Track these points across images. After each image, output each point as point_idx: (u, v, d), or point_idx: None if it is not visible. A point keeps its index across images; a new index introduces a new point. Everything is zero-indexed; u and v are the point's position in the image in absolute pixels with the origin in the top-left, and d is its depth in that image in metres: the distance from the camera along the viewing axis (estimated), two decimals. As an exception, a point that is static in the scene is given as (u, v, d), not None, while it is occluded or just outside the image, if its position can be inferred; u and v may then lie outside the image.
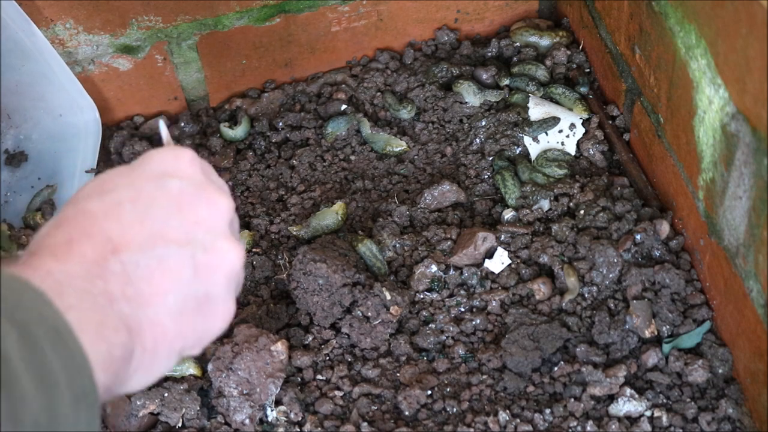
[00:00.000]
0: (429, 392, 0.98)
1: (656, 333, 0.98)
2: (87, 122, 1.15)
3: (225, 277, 0.60)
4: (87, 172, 1.16)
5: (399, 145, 1.18)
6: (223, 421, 0.97)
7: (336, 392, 0.99)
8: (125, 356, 0.55)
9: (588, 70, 1.22)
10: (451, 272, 1.05)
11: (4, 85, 1.13)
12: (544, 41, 1.24)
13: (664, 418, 0.94)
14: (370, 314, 1.01)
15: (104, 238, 0.55)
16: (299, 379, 1.00)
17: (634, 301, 0.98)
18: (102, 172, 0.61)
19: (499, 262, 1.05)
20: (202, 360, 1.00)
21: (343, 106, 1.22)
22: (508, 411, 0.95)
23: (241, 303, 1.07)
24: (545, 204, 1.09)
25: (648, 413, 0.94)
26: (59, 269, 0.53)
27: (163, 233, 0.57)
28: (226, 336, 1.01)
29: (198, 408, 0.98)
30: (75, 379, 0.50)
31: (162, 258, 0.56)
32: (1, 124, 1.18)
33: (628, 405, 0.95)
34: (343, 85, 1.25)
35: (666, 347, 0.98)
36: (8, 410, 0.46)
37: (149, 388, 0.98)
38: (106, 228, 0.56)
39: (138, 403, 0.97)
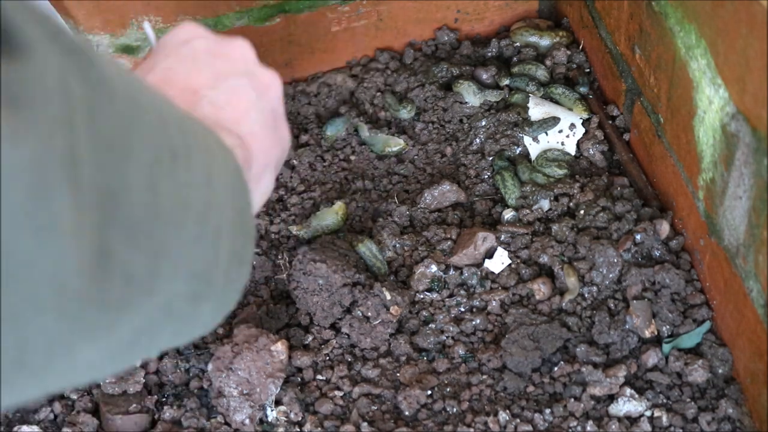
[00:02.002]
0: (429, 392, 0.98)
1: (656, 333, 0.98)
2: None
3: (278, 94, 0.69)
4: None
5: (397, 144, 1.18)
6: (223, 421, 0.97)
7: (336, 392, 0.99)
8: (246, 159, 0.62)
9: (588, 70, 1.22)
10: (451, 272, 1.05)
11: None
12: (544, 41, 1.24)
13: (664, 418, 0.94)
14: (370, 314, 1.01)
15: (180, 89, 0.63)
16: (299, 379, 1.00)
17: (634, 301, 0.98)
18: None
19: (499, 262, 1.05)
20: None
21: (342, 108, 1.23)
22: (508, 411, 0.95)
23: (241, 303, 1.07)
24: (545, 204, 1.09)
25: (648, 413, 0.94)
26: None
27: (219, 72, 0.66)
28: (226, 336, 1.01)
29: (198, 408, 0.98)
30: (220, 144, 0.54)
31: (232, 88, 0.66)
32: None
33: (628, 405, 0.95)
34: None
35: (666, 347, 0.98)
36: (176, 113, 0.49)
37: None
38: (176, 83, 0.64)
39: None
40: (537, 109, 1.16)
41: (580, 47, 1.23)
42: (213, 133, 0.55)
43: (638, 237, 1.02)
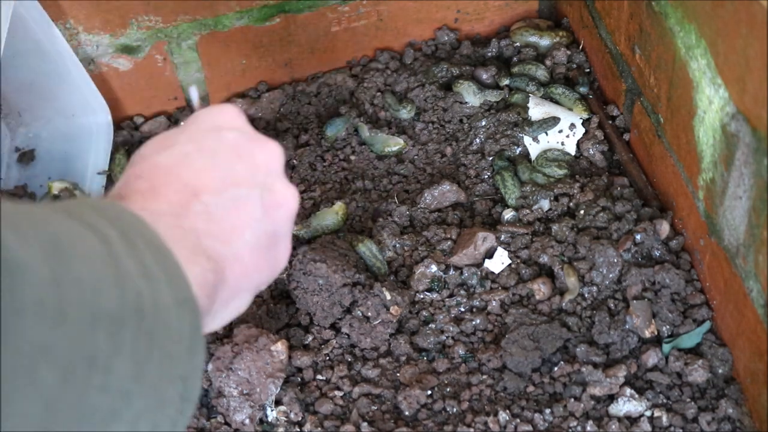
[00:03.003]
0: (429, 392, 0.98)
1: (656, 333, 0.98)
2: (99, 124, 1.17)
3: (288, 215, 0.65)
4: (99, 173, 1.16)
5: (397, 143, 1.18)
6: (223, 421, 0.97)
7: (336, 392, 0.99)
8: (215, 284, 0.57)
9: (588, 70, 1.22)
10: (451, 272, 1.05)
11: (19, 83, 1.14)
12: (544, 41, 1.24)
13: (664, 418, 0.94)
14: (370, 314, 1.01)
15: (183, 184, 0.59)
16: (299, 379, 1.00)
17: (634, 301, 0.98)
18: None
19: (499, 262, 1.05)
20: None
21: (342, 108, 1.23)
22: (508, 411, 0.95)
23: (241, 303, 1.07)
24: (545, 204, 1.09)
25: (648, 413, 0.94)
26: (150, 207, 0.56)
27: (231, 177, 0.61)
28: (226, 336, 1.01)
29: (198, 408, 0.98)
30: (174, 284, 0.50)
31: (236, 198, 0.60)
32: (11, 121, 1.18)
33: (628, 405, 0.95)
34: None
35: (666, 347, 0.98)
36: (114, 275, 0.45)
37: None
38: (182, 176, 0.59)
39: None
40: (537, 109, 1.16)
41: (580, 47, 1.23)
42: (178, 279, 0.50)
43: (638, 237, 1.02)
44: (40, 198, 1.16)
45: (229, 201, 0.60)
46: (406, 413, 0.97)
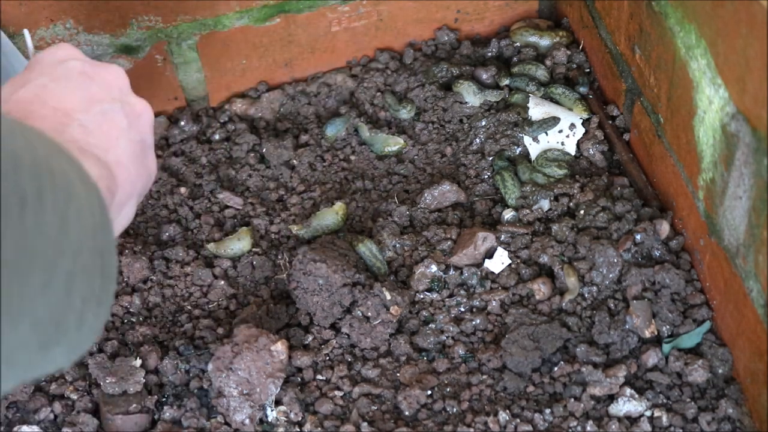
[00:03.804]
0: (429, 392, 0.98)
1: (656, 333, 0.98)
2: None
3: (148, 123, 0.71)
4: None
5: (396, 143, 1.18)
6: (223, 421, 0.97)
7: (336, 392, 0.99)
8: (110, 186, 0.63)
9: (588, 70, 1.22)
10: (451, 272, 1.05)
11: None
12: (544, 41, 1.24)
13: (664, 418, 0.94)
14: (370, 314, 1.01)
15: (52, 109, 0.64)
16: (299, 379, 1.00)
17: (634, 301, 0.98)
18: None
19: (499, 262, 1.05)
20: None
21: (342, 108, 1.23)
22: (508, 411, 0.95)
23: (241, 303, 1.07)
24: (545, 204, 1.09)
25: (648, 413, 0.94)
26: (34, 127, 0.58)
27: (92, 96, 0.67)
28: (226, 336, 1.01)
29: (198, 408, 0.98)
30: (77, 168, 0.54)
31: (103, 113, 0.67)
32: None
33: (628, 405, 0.95)
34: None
35: (666, 347, 0.98)
36: (31, 152, 0.48)
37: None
38: (49, 102, 0.64)
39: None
40: (537, 109, 1.16)
41: (580, 47, 1.23)
42: (78, 166, 0.54)
43: (638, 237, 1.02)
44: None
45: (98, 115, 0.66)
46: (406, 413, 0.97)
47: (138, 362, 1.00)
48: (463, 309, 1.03)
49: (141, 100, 0.71)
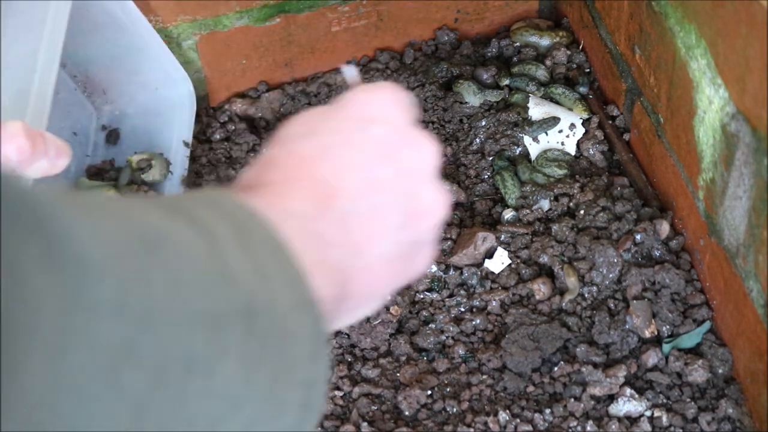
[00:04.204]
0: (429, 392, 0.98)
1: (656, 333, 0.98)
2: (182, 95, 1.15)
3: (433, 224, 0.57)
4: (184, 143, 1.15)
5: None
6: (223, 421, 0.97)
7: (336, 392, 0.99)
8: (339, 297, 0.51)
9: (588, 70, 1.22)
10: (451, 272, 1.05)
11: (100, 60, 1.12)
12: (544, 41, 1.24)
13: (664, 418, 0.94)
14: (370, 314, 1.01)
15: (321, 181, 0.52)
16: (299, 379, 1.00)
17: (634, 301, 0.98)
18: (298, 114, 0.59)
19: (499, 262, 1.05)
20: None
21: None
22: (508, 411, 0.95)
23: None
24: (545, 204, 1.09)
25: (648, 413, 0.94)
26: (279, 206, 0.49)
27: (374, 180, 0.53)
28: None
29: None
30: (295, 285, 0.45)
31: (374, 207, 0.53)
32: (97, 99, 1.17)
33: (628, 405, 0.95)
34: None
35: (666, 347, 0.98)
36: (217, 274, 0.41)
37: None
38: (322, 171, 0.52)
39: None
40: (537, 109, 1.16)
41: (580, 47, 1.23)
42: (301, 281, 0.45)
43: (638, 237, 1.02)
44: (122, 172, 1.14)
45: (366, 209, 0.53)
46: (406, 413, 0.97)
47: None
48: (463, 309, 1.04)
49: (437, 196, 0.57)
